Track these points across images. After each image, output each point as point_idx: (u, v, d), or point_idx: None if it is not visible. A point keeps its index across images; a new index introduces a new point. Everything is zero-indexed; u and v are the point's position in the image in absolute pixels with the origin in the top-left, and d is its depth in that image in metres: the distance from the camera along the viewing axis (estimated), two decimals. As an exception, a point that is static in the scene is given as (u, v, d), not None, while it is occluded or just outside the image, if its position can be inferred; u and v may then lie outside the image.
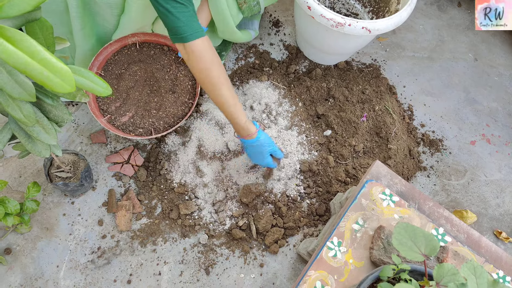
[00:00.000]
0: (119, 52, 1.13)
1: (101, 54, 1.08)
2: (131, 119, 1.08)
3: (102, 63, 1.10)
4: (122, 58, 1.13)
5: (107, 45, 1.08)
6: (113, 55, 1.12)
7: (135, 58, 1.14)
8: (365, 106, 1.24)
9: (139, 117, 1.09)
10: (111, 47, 1.10)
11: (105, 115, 1.08)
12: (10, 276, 0.96)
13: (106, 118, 1.07)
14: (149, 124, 1.08)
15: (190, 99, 1.12)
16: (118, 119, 1.08)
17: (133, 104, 1.10)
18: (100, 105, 1.09)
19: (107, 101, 1.09)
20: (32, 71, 0.40)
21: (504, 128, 1.34)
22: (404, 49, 1.46)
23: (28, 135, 0.69)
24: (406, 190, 0.86)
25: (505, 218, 1.18)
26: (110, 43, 1.08)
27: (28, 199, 0.94)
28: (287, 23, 1.45)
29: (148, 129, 1.08)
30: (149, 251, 1.02)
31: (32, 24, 0.53)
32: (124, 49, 1.14)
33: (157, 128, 1.08)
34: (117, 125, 1.07)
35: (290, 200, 1.10)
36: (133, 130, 1.07)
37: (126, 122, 1.08)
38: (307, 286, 0.74)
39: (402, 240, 0.52)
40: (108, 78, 1.11)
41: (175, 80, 1.13)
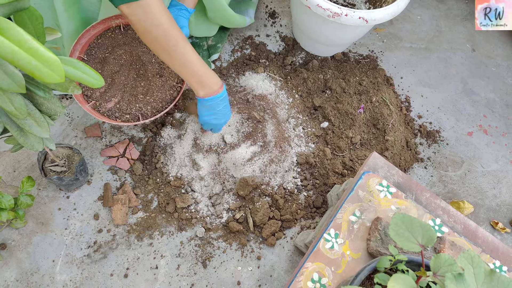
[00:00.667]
0: (103, 35, 1.08)
1: (83, 37, 1.03)
2: (117, 105, 1.04)
3: (85, 47, 1.05)
4: (105, 41, 1.08)
5: (89, 28, 1.02)
6: (96, 39, 1.07)
7: (120, 41, 1.09)
8: (362, 97, 1.23)
9: (125, 102, 1.05)
10: (94, 29, 1.05)
11: (89, 101, 1.04)
12: (5, 271, 0.96)
13: (91, 104, 1.03)
14: (136, 110, 1.04)
15: (178, 82, 1.09)
16: (103, 105, 1.04)
17: (118, 89, 1.05)
18: (84, 91, 1.05)
19: (89, 89, 1.05)
20: (19, 61, 0.39)
21: (501, 119, 1.33)
22: (402, 40, 1.45)
23: (20, 128, 0.68)
24: (403, 181, 0.86)
25: (502, 208, 1.18)
26: (92, 25, 1.03)
27: (22, 194, 0.93)
28: (284, 14, 1.43)
29: (135, 115, 1.04)
30: (146, 245, 1.02)
31: (21, 14, 0.52)
32: (108, 32, 1.09)
33: (144, 114, 1.05)
34: (102, 112, 1.03)
35: (287, 193, 1.09)
36: (120, 116, 1.04)
37: (112, 108, 1.04)
38: (304, 278, 0.73)
39: (399, 230, 0.52)
40: (91, 62, 1.06)
41: (162, 63, 1.09)
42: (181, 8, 1.06)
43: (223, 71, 1.26)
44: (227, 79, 1.25)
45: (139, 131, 1.16)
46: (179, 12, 1.06)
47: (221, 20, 1.19)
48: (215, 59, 1.28)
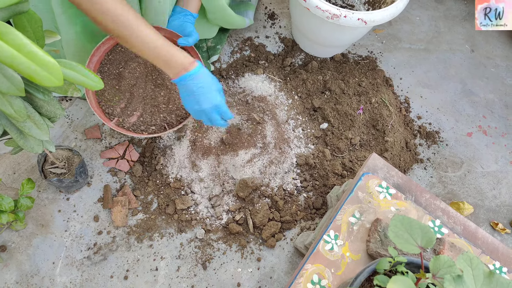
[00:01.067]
0: (113, 51, 1.08)
1: (94, 55, 1.02)
2: (140, 118, 1.04)
3: (97, 64, 1.05)
4: (117, 56, 1.08)
5: (99, 45, 1.02)
6: (107, 55, 1.07)
7: (131, 54, 1.09)
8: (362, 98, 1.23)
9: (148, 114, 1.04)
10: (104, 46, 1.04)
11: (112, 118, 1.03)
12: (5, 273, 0.96)
13: (114, 121, 1.02)
14: (161, 120, 1.04)
15: None
16: (127, 121, 1.03)
17: (139, 102, 1.05)
18: (104, 109, 1.04)
19: (110, 104, 1.05)
20: (18, 65, 0.39)
21: (500, 120, 1.33)
22: (401, 40, 1.45)
23: (19, 131, 0.68)
24: (403, 182, 0.86)
25: (502, 209, 1.18)
26: (102, 42, 1.02)
27: (22, 196, 0.93)
28: (283, 16, 1.43)
29: (161, 125, 1.03)
30: (146, 247, 1.02)
31: (20, 17, 0.52)
32: (117, 46, 1.09)
33: (170, 123, 1.04)
34: (127, 127, 1.02)
35: (287, 194, 1.09)
36: (145, 129, 1.03)
37: (136, 122, 1.03)
38: (304, 279, 0.73)
39: (398, 232, 0.52)
40: (106, 79, 1.06)
41: None
42: (186, 14, 1.06)
43: (223, 72, 1.26)
44: (226, 80, 1.25)
45: (139, 132, 1.16)
46: (185, 18, 1.06)
47: (221, 21, 1.19)
48: (215, 61, 1.29)
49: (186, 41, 1.03)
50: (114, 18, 0.72)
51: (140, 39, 0.76)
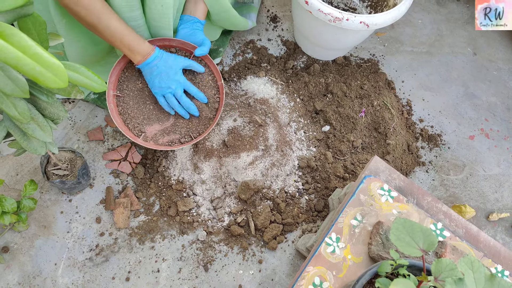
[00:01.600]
0: (128, 68, 1.06)
1: (112, 75, 1.02)
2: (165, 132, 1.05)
3: (115, 83, 1.04)
4: (133, 72, 1.06)
5: (115, 65, 1.01)
6: (123, 72, 1.05)
7: None
8: (364, 101, 1.23)
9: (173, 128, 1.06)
10: (119, 64, 1.03)
11: (139, 135, 1.04)
12: (8, 275, 0.96)
13: (142, 137, 1.03)
14: (186, 131, 1.06)
15: (216, 94, 1.09)
16: (153, 135, 1.04)
17: (163, 117, 1.06)
18: (130, 128, 1.04)
19: (136, 121, 1.04)
20: (24, 66, 0.40)
21: (503, 123, 1.33)
22: (403, 43, 1.46)
23: (23, 133, 0.69)
24: (405, 185, 0.86)
25: (504, 212, 1.18)
26: (118, 61, 1.02)
27: (25, 197, 0.94)
28: (285, 18, 1.44)
29: (188, 135, 1.06)
30: (148, 248, 1.02)
31: (25, 20, 0.52)
32: (131, 63, 1.06)
33: (194, 133, 1.06)
34: (161, 143, 1.04)
35: (289, 196, 1.09)
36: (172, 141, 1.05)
37: (163, 135, 1.05)
38: (305, 282, 0.73)
39: (400, 235, 0.52)
40: (127, 97, 1.05)
41: (198, 79, 1.09)
42: (195, 21, 1.06)
43: (225, 75, 1.27)
44: (228, 83, 1.26)
45: (141, 134, 1.17)
46: (194, 26, 1.06)
47: (224, 23, 1.19)
48: (217, 63, 1.29)
49: (203, 51, 1.04)
50: (87, 8, 0.80)
51: (110, 29, 0.85)
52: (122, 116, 1.04)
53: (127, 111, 1.04)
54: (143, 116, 1.05)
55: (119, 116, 1.04)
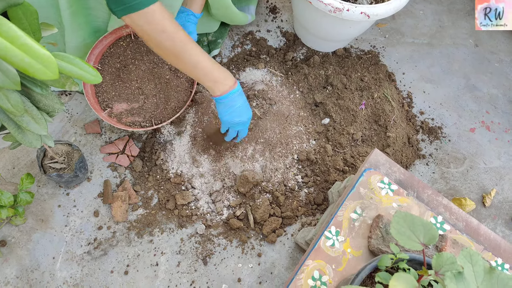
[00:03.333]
0: (115, 45, 1.10)
1: (96, 47, 1.04)
2: (136, 112, 1.07)
3: (98, 57, 1.07)
4: (118, 50, 1.10)
5: (101, 38, 1.04)
6: (109, 48, 1.08)
7: (135, 50, 1.11)
8: (364, 93, 1.22)
9: (145, 109, 1.07)
10: (106, 39, 1.06)
11: (105, 109, 1.06)
12: (6, 268, 0.96)
13: (107, 112, 1.05)
14: (157, 114, 1.07)
15: (189, 87, 1.11)
16: (120, 112, 1.06)
17: (137, 97, 1.08)
18: (100, 101, 1.07)
19: (107, 96, 1.07)
20: (12, 57, 0.38)
21: (504, 115, 1.32)
22: (404, 35, 1.44)
23: (17, 125, 0.67)
24: (405, 178, 0.85)
25: (504, 205, 1.17)
26: (104, 36, 1.04)
27: (22, 191, 0.93)
28: (285, 9, 1.42)
29: (150, 120, 1.07)
30: (146, 242, 1.02)
31: (15, 9, 0.51)
32: (120, 40, 1.10)
33: (164, 117, 1.07)
34: (122, 121, 1.06)
35: (288, 190, 1.09)
36: (141, 122, 1.06)
37: (131, 114, 1.07)
38: (305, 275, 0.73)
39: (400, 229, 0.51)
40: (106, 72, 1.08)
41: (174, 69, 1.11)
42: (188, 13, 1.06)
43: (224, 66, 1.25)
44: (227, 75, 1.24)
45: (139, 127, 1.16)
46: (187, 18, 1.06)
47: (223, 17, 1.19)
48: (216, 55, 1.27)
49: None
50: (170, 36, 0.77)
51: (193, 58, 0.81)
52: (96, 88, 1.07)
53: (102, 84, 1.07)
54: (114, 92, 1.07)
55: (92, 87, 1.06)
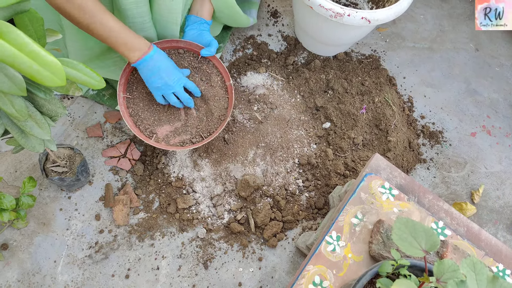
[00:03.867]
0: (136, 70, 1.04)
1: (122, 77, 1.00)
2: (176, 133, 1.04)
3: (125, 85, 1.02)
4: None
5: (124, 67, 0.99)
6: (132, 74, 1.04)
7: None
8: (365, 98, 1.22)
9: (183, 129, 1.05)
10: (128, 67, 1.01)
11: (151, 136, 1.02)
12: (7, 272, 0.96)
13: (154, 138, 1.02)
14: (196, 132, 1.05)
15: (225, 93, 1.08)
16: (164, 136, 1.03)
17: (174, 118, 1.05)
18: (141, 129, 1.03)
19: (147, 122, 1.03)
20: (20, 64, 0.39)
21: (505, 120, 1.32)
22: (404, 39, 1.44)
23: (21, 130, 0.68)
24: (406, 183, 0.85)
25: (505, 210, 1.18)
26: (127, 64, 0.99)
27: (24, 194, 0.93)
28: (286, 14, 1.42)
29: (198, 136, 1.05)
30: (147, 246, 1.02)
31: (21, 16, 0.51)
32: None
33: (204, 134, 1.05)
34: (171, 143, 1.03)
35: (289, 194, 1.09)
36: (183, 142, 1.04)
37: (173, 137, 1.04)
38: (305, 280, 0.73)
39: (402, 235, 0.51)
40: (137, 99, 1.04)
41: (206, 79, 1.08)
42: (202, 22, 1.05)
43: (225, 71, 1.25)
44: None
45: (141, 131, 1.16)
46: (201, 27, 1.05)
47: (227, 19, 1.18)
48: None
49: (209, 51, 1.02)
50: (79, 7, 0.77)
51: (105, 27, 0.82)
52: (133, 118, 1.02)
53: (138, 112, 1.03)
54: (153, 117, 1.04)
55: (130, 118, 1.02)
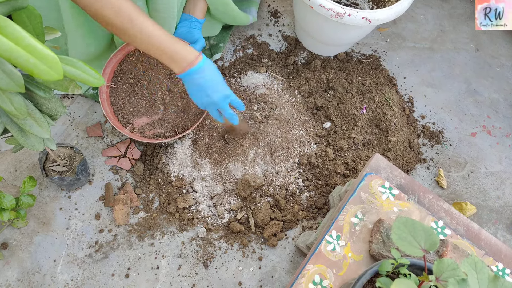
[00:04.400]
0: (125, 61, 1.09)
1: (107, 66, 1.03)
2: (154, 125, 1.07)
3: (111, 75, 1.07)
4: (129, 66, 1.09)
5: (111, 57, 1.03)
6: (119, 65, 1.08)
7: (146, 64, 1.11)
8: (365, 97, 1.22)
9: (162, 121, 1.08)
10: (116, 57, 1.05)
11: (127, 126, 1.07)
12: (7, 271, 0.96)
13: (128, 128, 1.06)
14: (172, 126, 1.08)
15: None
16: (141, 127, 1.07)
17: (154, 110, 1.08)
18: (119, 118, 1.07)
19: (126, 112, 1.07)
20: (17, 58, 0.39)
21: (505, 120, 1.32)
22: (405, 39, 1.44)
23: (20, 129, 0.68)
24: (406, 183, 0.85)
25: (505, 210, 1.17)
26: (114, 54, 1.04)
27: (24, 194, 0.93)
28: (286, 13, 1.42)
29: (173, 131, 1.07)
30: (147, 245, 1.02)
31: (19, 13, 0.51)
32: (129, 56, 1.10)
33: (182, 128, 1.07)
34: (145, 135, 1.07)
35: (289, 193, 1.09)
36: (158, 134, 1.07)
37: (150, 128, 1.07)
38: (305, 280, 0.73)
39: (401, 235, 0.51)
40: (120, 89, 1.08)
41: None
42: (192, 20, 1.06)
43: (225, 70, 1.25)
44: (229, 78, 1.25)
45: (141, 130, 1.16)
46: (192, 25, 1.06)
47: (223, 16, 1.18)
48: (217, 59, 1.28)
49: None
50: (117, 10, 0.70)
51: (145, 34, 0.74)
52: (113, 106, 1.07)
53: (119, 102, 1.07)
54: (132, 108, 1.08)
55: (110, 106, 1.06)
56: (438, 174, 1.18)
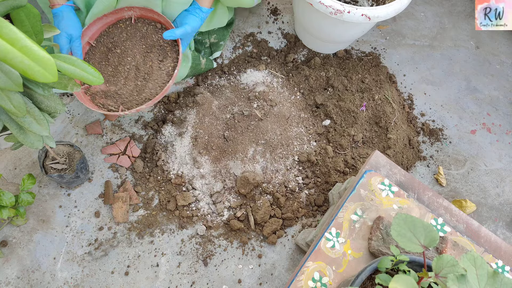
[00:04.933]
0: (114, 25, 1.08)
1: (95, 24, 1.02)
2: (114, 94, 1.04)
3: (96, 34, 1.06)
4: (115, 31, 1.08)
5: (102, 16, 1.01)
6: (108, 28, 1.07)
7: (130, 33, 1.08)
8: (365, 95, 1.22)
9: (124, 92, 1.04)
10: (107, 18, 1.04)
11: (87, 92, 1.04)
12: (6, 269, 0.96)
13: (83, 87, 1.03)
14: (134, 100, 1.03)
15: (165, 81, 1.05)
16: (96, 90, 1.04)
17: (120, 79, 1.05)
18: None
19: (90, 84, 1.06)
20: (12, 59, 0.38)
21: (505, 117, 1.32)
22: (405, 37, 1.44)
23: (19, 126, 0.68)
24: (406, 180, 0.85)
25: (505, 207, 1.17)
26: (105, 14, 1.02)
27: (23, 192, 0.93)
28: (286, 11, 1.42)
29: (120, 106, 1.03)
30: (147, 243, 1.02)
31: (18, 11, 0.51)
32: (120, 22, 1.09)
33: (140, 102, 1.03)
34: (97, 102, 1.03)
35: (289, 191, 1.09)
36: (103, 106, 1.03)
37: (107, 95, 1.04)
38: (305, 277, 0.73)
39: (401, 231, 0.51)
40: (97, 50, 1.07)
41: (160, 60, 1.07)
42: (195, 6, 1.03)
43: (225, 68, 1.25)
44: (228, 76, 1.24)
45: (140, 128, 1.16)
46: (193, 11, 1.02)
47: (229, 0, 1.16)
48: (217, 57, 1.27)
49: (173, 34, 0.99)
50: None
51: None
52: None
53: (90, 61, 1.07)
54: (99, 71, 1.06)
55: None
56: (438, 172, 1.18)
